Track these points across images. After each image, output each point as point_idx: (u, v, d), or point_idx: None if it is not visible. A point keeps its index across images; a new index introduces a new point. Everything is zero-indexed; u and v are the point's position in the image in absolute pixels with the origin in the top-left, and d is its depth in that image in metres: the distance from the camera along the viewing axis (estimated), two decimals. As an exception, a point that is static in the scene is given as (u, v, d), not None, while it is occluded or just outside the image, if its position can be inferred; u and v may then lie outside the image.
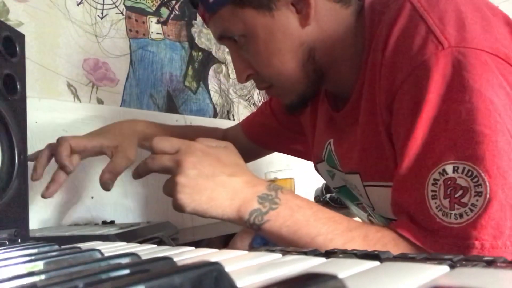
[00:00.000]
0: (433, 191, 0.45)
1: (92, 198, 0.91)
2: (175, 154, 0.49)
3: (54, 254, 0.29)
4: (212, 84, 1.35)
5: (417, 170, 0.47)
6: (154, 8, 1.19)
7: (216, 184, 0.48)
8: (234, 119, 1.41)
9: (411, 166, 0.47)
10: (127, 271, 0.19)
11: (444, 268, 0.18)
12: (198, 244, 0.79)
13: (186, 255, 0.28)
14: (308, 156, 0.85)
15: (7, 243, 0.41)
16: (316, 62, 0.60)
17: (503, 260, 0.19)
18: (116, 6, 1.08)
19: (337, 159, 0.68)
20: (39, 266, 0.26)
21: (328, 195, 1.26)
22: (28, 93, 0.49)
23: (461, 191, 0.43)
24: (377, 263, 0.20)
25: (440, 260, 0.19)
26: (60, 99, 0.92)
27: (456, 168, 0.43)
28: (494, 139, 0.42)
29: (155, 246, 0.35)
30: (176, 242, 0.76)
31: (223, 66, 1.40)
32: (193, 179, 0.47)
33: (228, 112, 1.40)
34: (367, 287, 0.16)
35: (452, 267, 0.18)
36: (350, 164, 0.63)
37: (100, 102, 1.02)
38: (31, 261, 0.27)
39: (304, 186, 1.31)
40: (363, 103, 0.57)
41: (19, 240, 0.44)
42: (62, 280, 0.17)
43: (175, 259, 0.22)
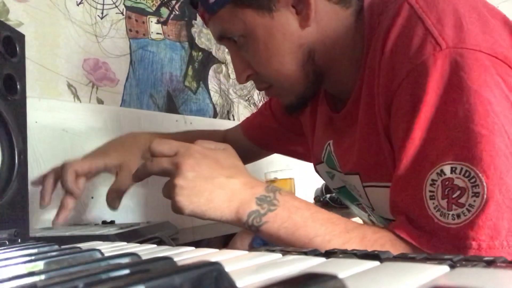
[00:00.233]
0: (431, 191, 0.45)
1: (92, 198, 0.91)
2: (173, 156, 0.49)
3: (54, 254, 0.29)
4: (212, 84, 1.35)
5: (415, 171, 0.47)
6: (154, 8, 1.19)
7: (214, 186, 0.48)
8: (234, 119, 1.41)
9: (409, 167, 0.47)
10: (127, 271, 0.19)
11: (444, 268, 0.18)
12: (198, 244, 0.79)
13: (186, 255, 0.28)
14: (308, 158, 0.85)
15: (7, 243, 0.41)
16: (316, 63, 0.60)
17: (503, 260, 0.19)
18: (116, 6, 1.08)
19: (336, 160, 0.68)
20: (39, 266, 0.26)
21: (328, 195, 1.26)
22: (28, 93, 0.49)
23: (458, 192, 0.43)
24: (377, 263, 0.20)
25: (440, 260, 0.19)
26: (60, 99, 0.92)
27: (454, 169, 0.43)
28: (491, 140, 0.42)
29: (155, 246, 0.35)
30: (176, 242, 0.76)
31: (223, 66, 1.40)
32: (191, 181, 0.47)
33: (228, 112, 1.40)
34: (367, 287, 0.16)
35: (452, 267, 0.18)
36: (349, 165, 0.63)
37: (100, 102, 1.02)
38: (31, 261, 0.27)
39: (304, 186, 1.31)
40: (362, 104, 0.57)
41: (19, 240, 0.44)
42: (62, 280, 0.17)
43: (175, 259, 0.22)
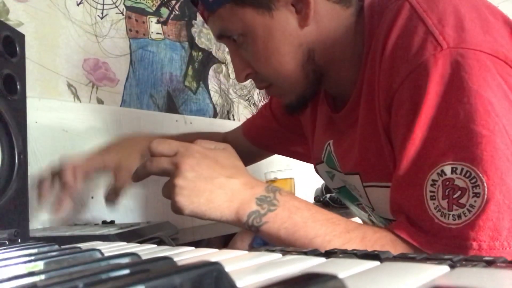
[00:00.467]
0: (431, 191, 0.45)
1: (92, 198, 0.91)
2: (173, 156, 0.49)
3: (54, 254, 0.29)
4: (212, 84, 1.35)
5: (415, 171, 0.47)
6: (154, 8, 1.19)
7: (214, 186, 0.48)
8: (234, 119, 1.41)
9: (410, 167, 0.47)
10: (127, 271, 0.19)
11: (444, 268, 0.18)
12: (198, 244, 0.79)
13: (186, 255, 0.28)
14: (308, 158, 0.85)
15: (7, 243, 0.41)
16: (316, 63, 0.60)
17: (503, 260, 0.19)
18: (116, 6, 1.08)
19: (336, 160, 0.68)
20: (39, 266, 0.26)
21: (328, 195, 1.26)
22: (28, 93, 0.49)
23: (459, 192, 0.43)
24: (377, 263, 0.20)
25: (440, 260, 0.19)
26: (60, 99, 0.92)
27: (454, 169, 0.43)
28: (492, 140, 0.42)
29: (155, 246, 0.35)
30: (176, 242, 0.76)
31: (223, 66, 1.40)
32: (191, 181, 0.47)
33: (228, 112, 1.40)
34: (367, 287, 0.16)
35: (452, 267, 0.18)
36: (349, 165, 0.63)
37: (100, 102, 1.02)
38: (31, 261, 0.27)
39: (304, 186, 1.31)
40: (362, 104, 0.57)
41: (19, 240, 0.44)
42: (62, 280, 0.17)
43: (175, 259, 0.22)
